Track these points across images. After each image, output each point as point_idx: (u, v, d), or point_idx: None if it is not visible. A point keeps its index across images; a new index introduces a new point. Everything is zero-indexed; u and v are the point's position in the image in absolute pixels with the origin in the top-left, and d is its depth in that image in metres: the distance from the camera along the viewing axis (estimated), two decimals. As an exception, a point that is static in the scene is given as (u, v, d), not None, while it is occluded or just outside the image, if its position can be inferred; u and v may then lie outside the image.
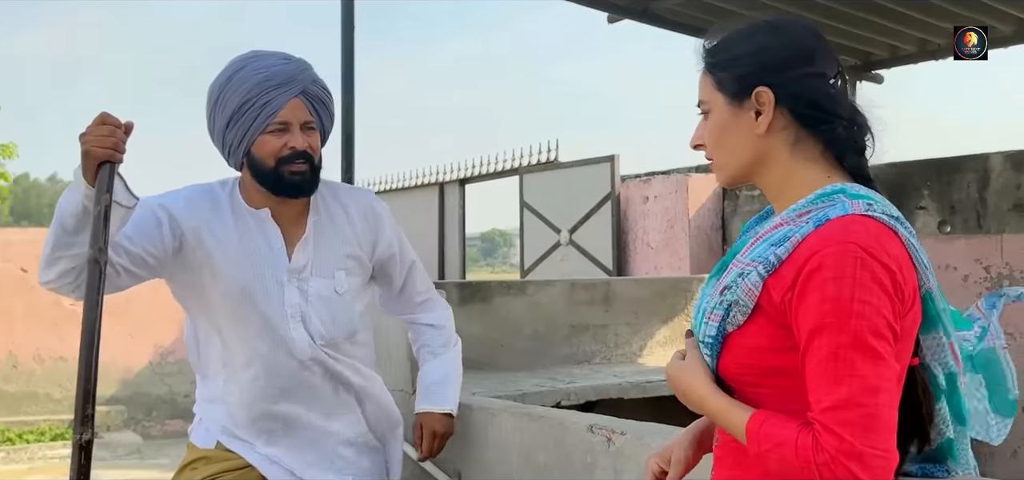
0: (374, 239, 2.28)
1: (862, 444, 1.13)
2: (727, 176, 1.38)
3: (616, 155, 7.57)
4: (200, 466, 2.21)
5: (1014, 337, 5.21)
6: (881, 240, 1.21)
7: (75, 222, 1.91)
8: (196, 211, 2.14)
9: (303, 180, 2.11)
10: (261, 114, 2.07)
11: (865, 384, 1.15)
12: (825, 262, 1.18)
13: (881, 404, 1.16)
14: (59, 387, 8.42)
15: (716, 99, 1.36)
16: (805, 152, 1.32)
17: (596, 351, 4.64)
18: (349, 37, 4.44)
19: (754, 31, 1.36)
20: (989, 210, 5.45)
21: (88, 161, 1.83)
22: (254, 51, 2.17)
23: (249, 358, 2.15)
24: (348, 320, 2.21)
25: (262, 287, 2.13)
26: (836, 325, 1.16)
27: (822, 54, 1.33)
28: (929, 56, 6.43)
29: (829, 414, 1.15)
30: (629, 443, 2.24)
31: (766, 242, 1.30)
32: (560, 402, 3.62)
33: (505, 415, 2.65)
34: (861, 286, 1.17)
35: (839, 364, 1.16)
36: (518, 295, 4.41)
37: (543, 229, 8.07)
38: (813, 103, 1.30)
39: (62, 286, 2.02)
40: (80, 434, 1.73)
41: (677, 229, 7.06)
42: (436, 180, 9.79)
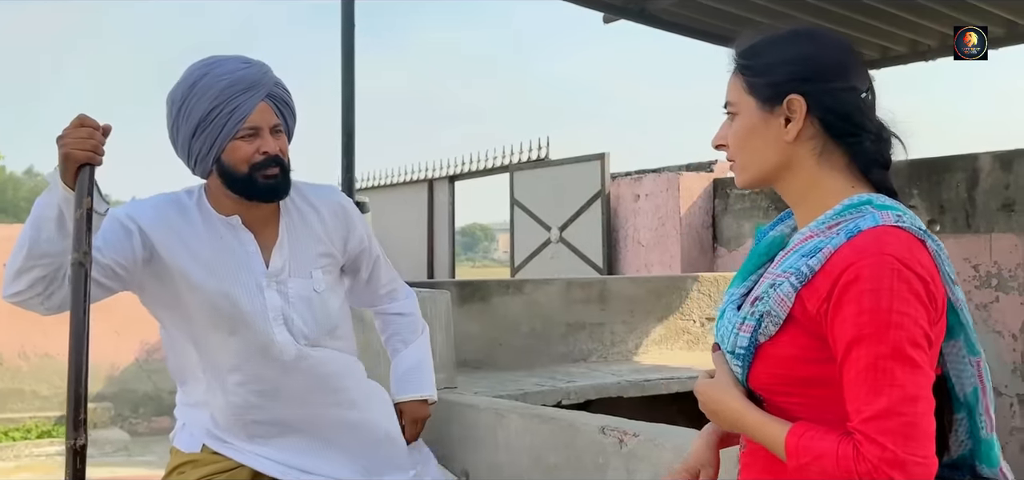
0: (345, 235, 2.27)
1: (904, 452, 1.15)
2: (749, 178, 1.39)
3: (607, 153, 7.59)
4: (188, 470, 2.18)
5: (1002, 335, 5.29)
6: (914, 251, 1.23)
7: (51, 228, 1.87)
8: (165, 221, 2.10)
9: (277, 184, 2.09)
10: (230, 120, 2.03)
11: (905, 393, 1.17)
12: (862, 274, 1.20)
13: (920, 412, 1.18)
14: (46, 384, 8.33)
15: (746, 102, 1.37)
16: (831, 162, 1.33)
17: (592, 349, 4.66)
18: (349, 33, 4.43)
19: (790, 38, 1.37)
20: (978, 209, 5.52)
21: (68, 164, 1.79)
22: (213, 57, 2.12)
23: (232, 364, 2.13)
24: (327, 317, 2.20)
25: (243, 293, 2.11)
26: (875, 336, 1.18)
27: (856, 68, 1.35)
28: (920, 57, 6.49)
29: (870, 424, 1.17)
30: (642, 444, 2.26)
31: (797, 253, 1.32)
32: (561, 401, 3.64)
33: (514, 416, 2.66)
34: (898, 297, 1.19)
35: (879, 374, 1.18)
36: (516, 294, 4.42)
37: (533, 226, 8.08)
38: (844, 116, 1.32)
39: (31, 298, 1.94)
40: (74, 439, 1.69)
41: (668, 227, 7.10)
42: (425, 177, 9.78)
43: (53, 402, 8.29)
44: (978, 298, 5.37)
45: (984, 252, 5.45)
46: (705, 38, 6.45)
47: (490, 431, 2.73)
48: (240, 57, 2.12)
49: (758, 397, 1.35)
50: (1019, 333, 5.29)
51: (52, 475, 6.75)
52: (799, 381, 1.28)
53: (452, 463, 2.88)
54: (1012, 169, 5.42)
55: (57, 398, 8.31)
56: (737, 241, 6.99)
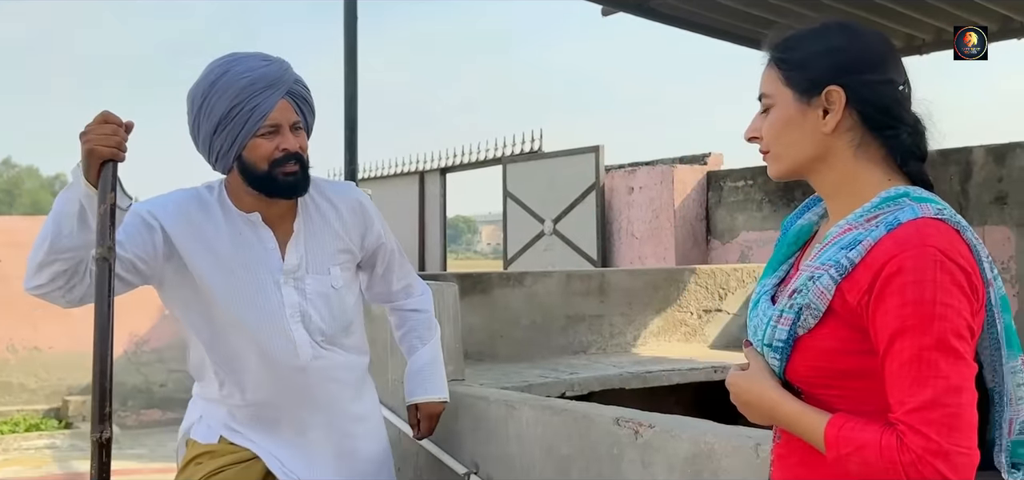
0: (363, 231, 2.29)
1: (948, 443, 1.16)
2: (783, 169, 1.40)
3: (601, 145, 7.60)
4: (205, 460, 2.19)
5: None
6: (955, 243, 1.23)
7: (73, 223, 1.88)
8: (186, 217, 2.11)
9: (297, 180, 2.10)
10: (251, 117, 2.04)
11: (949, 384, 1.17)
12: (905, 265, 1.20)
13: (964, 403, 1.18)
14: (34, 377, 8.26)
15: (783, 94, 1.37)
16: (868, 155, 1.34)
17: (592, 341, 4.66)
18: (351, 26, 4.40)
19: (828, 31, 1.37)
20: (971, 202, 5.56)
21: (92, 160, 1.81)
22: (233, 54, 2.13)
23: (248, 362, 2.14)
24: (343, 313, 2.22)
25: (261, 290, 2.12)
26: (919, 327, 1.18)
27: (893, 60, 1.35)
28: (915, 51, 6.53)
29: (915, 415, 1.17)
30: (658, 436, 2.26)
31: (836, 245, 1.31)
32: (565, 393, 3.64)
33: (526, 408, 2.65)
34: (941, 288, 1.19)
35: (923, 366, 1.18)
36: (516, 286, 4.41)
37: (526, 218, 8.08)
38: (883, 109, 1.32)
39: (53, 291, 1.96)
40: (100, 433, 1.72)
41: (662, 219, 7.11)
42: (417, 169, 9.75)
43: (41, 395, 8.22)
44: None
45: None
46: (703, 31, 6.46)
47: (501, 423, 2.73)
48: (260, 54, 2.13)
49: (795, 389, 1.35)
50: (1012, 325, 5.35)
51: (41, 468, 6.70)
52: (839, 373, 1.28)
53: (461, 455, 2.88)
54: (1005, 162, 5.47)
55: (45, 391, 8.24)
56: (730, 234, 7.01)
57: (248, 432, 2.19)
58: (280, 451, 2.19)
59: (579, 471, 2.46)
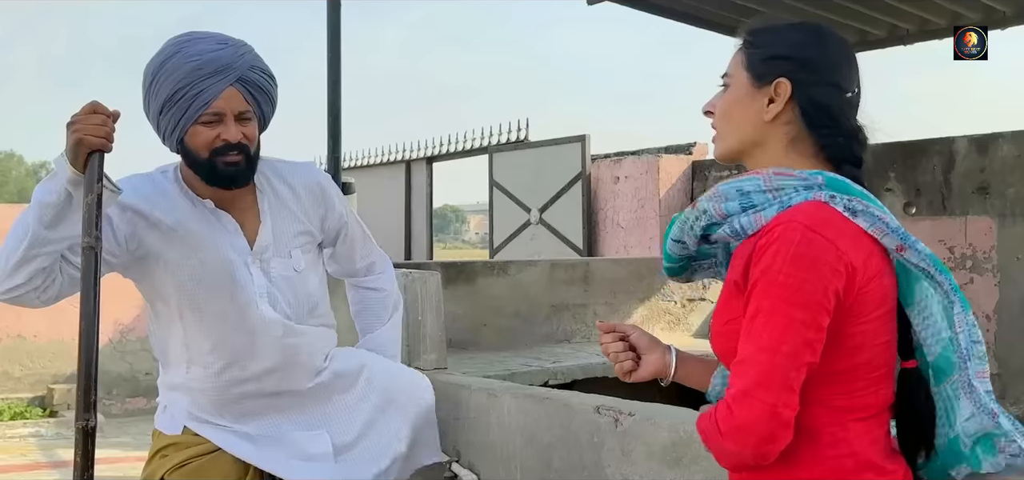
0: (323, 213, 2.25)
1: (752, 387, 1.21)
2: (725, 148, 1.45)
3: (587, 135, 7.60)
4: (170, 452, 2.17)
5: (976, 316, 5.38)
6: (829, 221, 1.26)
7: (55, 213, 1.86)
8: (145, 201, 2.07)
9: (237, 171, 2.04)
10: (193, 104, 2.00)
11: (767, 344, 1.22)
12: (771, 240, 1.26)
13: (777, 363, 1.22)
14: (19, 366, 8.22)
15: (740, 76, 1.42)
16: (800, 150, 1.38)
17: (576, 330, 4.68)
18: (335, 12, 4.38)
19: (796, 29, 1.43)
20: (953, 192, 5.60)
21: (80, 149, 1.80)
22: (191, 33, 2.08)
23: (214, 344, 2.11)
24: (308, 296, 2.19)
25: (226, 273, 2.09)
26: (763, 292, 1.24)
27: (847, 70, 1.41)
28: (898, 41, 6.56)
29: (735, 367, 1.25)
30: (637, 423, 2.28)
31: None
32: (548, 381, 3.66)
33: (507, 396, 2.66)
34: (791, 260, 1.23)
35: (753, 325, 1.24)
36: (500, 275, 4.43)
37: (513, 208, 8.08)
38: (823, 108, 1.37)
39: (29, 292, 1.92)
40: (85, 421, 1.72)
41: (647, 209, 7.13)
42: (403, 158, 9.73)
43: (25, 383, 8.18)
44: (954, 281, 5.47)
45: (959, 234, 5.54)
46: (688, 21, 6.47)
47: (483, 411, 2.74)
48: (217, 36, 2.07)
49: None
50: (993, 314, 5.40)
51: (26, 456, 6.67)
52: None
53: (444, 443, 2.89)
54: (987, 152, 5.51)
55: (29, 379, 8.20)
56: (716, 223, 7.03)
57: (213, 419, 2.17)
58: (245, 431, 2.17)
59: (560, 459, 2.48)
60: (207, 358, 2.12)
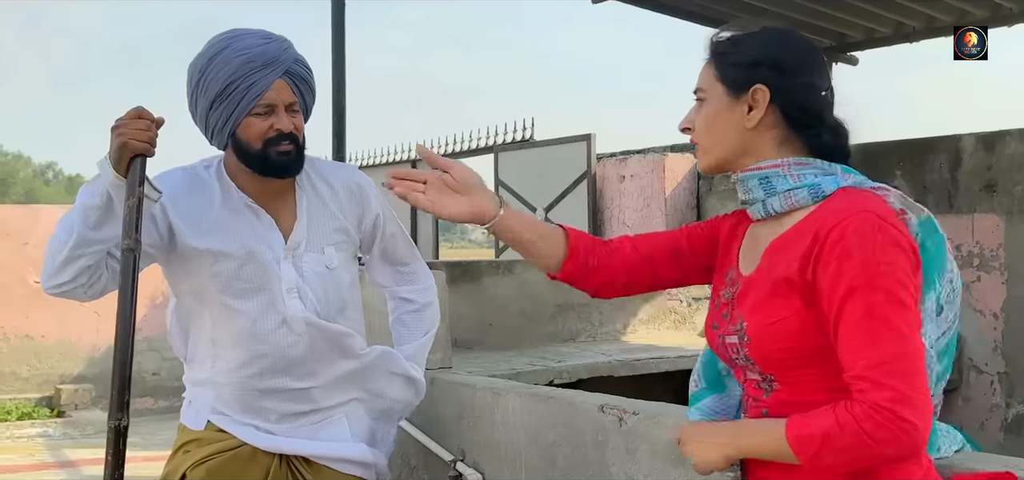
0: (360, 213, 2.29)
1: (910, 390, 1.21)
2: (711, 161, 1.46)
3: (592, 134, 7.60)
4: (193, 448, 2.21)
5: (983, 314, 5.36)
6: (884, 207, 1.31)
7: (98, 215, 1.93)
8: (183, 193, 2.13)
9: (289, 161, 2.11)
10: (246, 96, 2.04)
11: (902, 334, 1.23)
12: (846, 231, 1.26)
13: (918, 351, 1.24)
14: (26, 366, 8.25)
15: (715, 89, 1.44)
16: (790, 150, 1.41)
17: (581, 329, 4.68)
18: (339, 11, 4.39)
19: (763, 34, 1.45)
20: (960, 190, 5.58)
21: (124, 153, 1.87)
22: (234, 30, 2.13)
23: (241, 337, 2.14)
24: (339, 295, 2.22)
25: (260, 265, 2.13)
26: (867, 285, 1.24)
27: (819, 68, 1.44)
28: (904, 39, 6.54)
29: (876, 369, 1.22)
30: (641, 423, 2.28)
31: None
32: (553, 381, 3.66)
33: (512, 395, 2.66)
34: (882, 248, 1.25)
35: (875, 321, 1.23)
36: (506, 275, 4.43)
37: (518, 208, 8.07)
38: (803, 108, 1.40)
39: (76, 288, 2.00)
40: (118, 420, 1.78)
41: (653, 208, 7.13)
42: (409, 158, 9.74)
43: (33, 384, 8.22)
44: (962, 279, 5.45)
45: (966, 232, 5.51)
46: (694, 19, 6.46)
47: (487, 410, 2.74)
48: (261, 32, 2.13)
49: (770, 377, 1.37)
50: (1000, 312, 5.37)
51: (34, 456, 6.71)
52: (811, 352, 1.32)
53: (448, 442, 2.89)
54: (995, 150, 5.48)
55: (37, 380, 8.24)
56: (722, 222, 7.02)
57: (237, 415, 2.20)
58: (268, 426, 2.20)
59: (564, 458, 2.48)
60: (233, 352, 2.15)
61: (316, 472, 2.22)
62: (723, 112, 1.42)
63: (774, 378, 1.37)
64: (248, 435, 2.19)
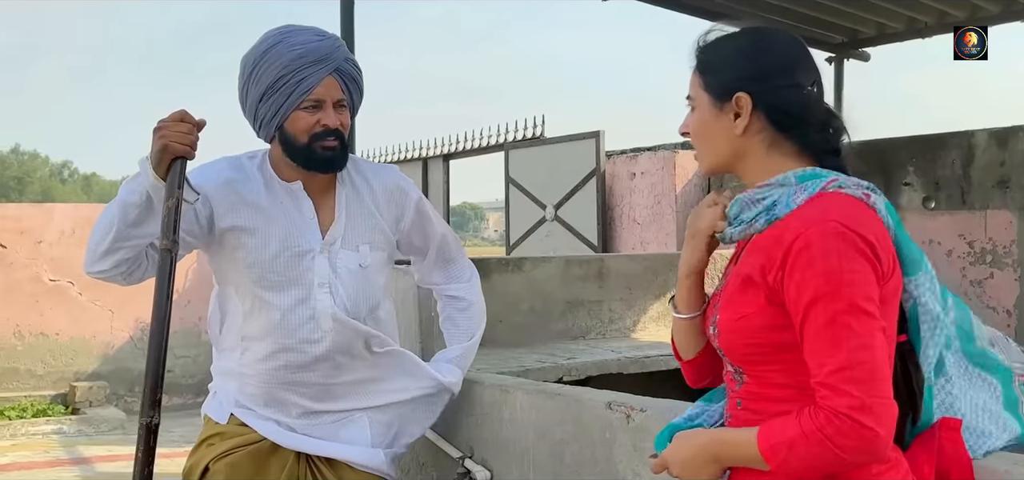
0: (398, 215, 2.32)
1: (869, 397, 1.24)
2: (707, 166, 1.51)
3: (602, 131, 7.59)
4: (216, 442, 2.25)
5: (996, 311, 5.33)
6: (858, 215, 1.32)
7: (138, 213, 1.98)
8: (226, 184, 2.18)
9: (334, 156, 2.15)
10: (296, 91, 2.09)
11: (862, 342, 1.26)
12: (811, 240, 1.29)
13: (878, 359, 1.26)
14: (41, 363, 8.32)
15: (701, 97, 1.47)
16: (781, 151, 1.43)
17: (591, 327, 4.67)
18: (348, 11, 4.41)
19: (741, 38, 1.48)
20: (973, 186, 5.54)
21: (165, 155, 1.92)
22: (289, 26, 2.18)
23: (269, 328, 2.19)
24: (371, 294, 2.25)
25: (294, 258, 2.17)
26: (830, 294, 1.26)
27: (801, 65, 1.45)
28: (916, 34, 6.50)
29: (835, 375, 1.25)
30: (649, 419, 2.28)
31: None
32: (562, 378, 3.66)
33: (520, 392, 2.67)
34: (845, 257, 1.28)
35: (838, 328, 1.26)
36: (515, 271, 4.43)
37: (528, 205, 8.09)
38: (786, 111, 1.42)
39: (115, 275, 2.08)
40: (149, 417, 1.82)
41: (663, 204, 7.12)
42: (420, 155, 9.76)
43: (48, 381, 8.29)
44: (973, 274, 5.41)
45: (979, 229, 5.48)
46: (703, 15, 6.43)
47: (495, 407, 2.75)
48: (314, 29, 2.18)
49: (739, 370, 1.43)
50: (1013, 309, 5.34)
51: (48, 453, 6.76)
52: (774, 348, 1.36)
53: (456, 439, 2.90)
54: (1007, 146, 5.44)
55: (52, 377, 8.30)
56: (732, 219, 6.99)
57: (259, 408, 2.23)
58: (292, 422, 2.24)
59: (572, 455, 2.48)
60: (261, 344, 2.20)
61: (335, 471, 2.25)
62: (711, 121, 1.46)
63: (742, 371, 1.42)
64: (269, 430, 2.23)
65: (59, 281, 8.24)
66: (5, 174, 56.42)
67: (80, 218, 8.34)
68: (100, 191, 56.51)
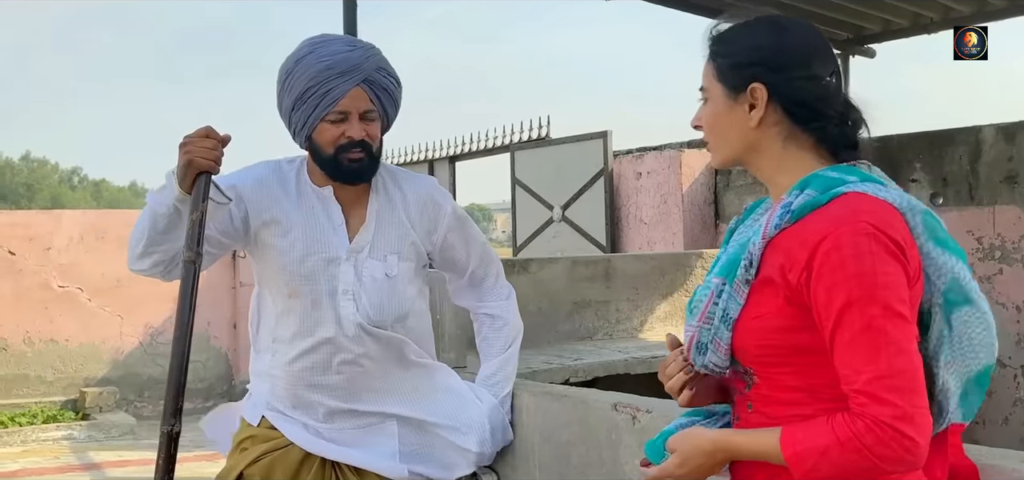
0: (430, 227, 2.32)
1: (910, 406, 1.19)
2: (720, 160, 1.46)
3: (608, 131, 7.59)
4: (249, 445, 2.29)
5: (1005, 307, 5.31)
6: (886, 216, 1.27)
7: (167, 222, 2.04)
8: (263, 187, 2.22)
9: (360, 167, 2.16)
10: (322, 102, 2.11)
11: (900, 349, 1.21)
12: (841, 241, 1.24)
13: (916, 366, 1.23)
14: (51, 369, 8.35)
15: (715, 88, 1.43)
16: (798, 144, 1.38)
17: (598, 327, 4.67)
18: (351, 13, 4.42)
19: (756, 27, 1.43)
20: (981, 182, 5.52)
21: (190, 170, 1.97)
22: (323, 35, 2.20)
23: (297, 332, 2.21)
24: (398, 304, 2.25)
25: (321, 264, 2.20)
26: (865, 298, 1.21)
27: (819, 55, 1.40)
28: (922, 30, 6.47)
29: (875, 383, 1.20)
30: (655, 420, 2.27)
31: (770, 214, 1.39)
32: (569, 379, 3.66)
33: (525, 394, 2.67)
34: (879, 259, 1.23)
35: (874, 334, 1.21)
36: (521, 273, 4.43)
37: (535, 206, 8.08)
38: (803, 103, 1.37)
39: (154, 273, 2.15)
40: (170, 425, 1.84)
41: (670, 204, 7.11)
42: (426, 158, 9.77)
43: (58, 387, 8.32)
44: (981, 270, 5.39)
45: (987, 225, 5.46)
46: (708, 14, 6.42)
47: (501, 409, 2.75)
48: (347, 38, 2.21)
49: (748, 370, 1.38)
50: (1022, 305, 5.32)
51: (59, 459, 6.79)
52: (788, 350, 1.32)
53: (463, 442, 2.90)
54: (1015, 141, 5.42)
55: (62, 383, 8.33)
56: (739, 217, 6.98)
57: (288, 411, 2.26)
58: (320, 427, 2.26)
59: (578, 457, 2.48)
60: (287, 346, 2.23)
61: (362, 478, 2.27)
62: (725, 112, 1.41)
63: (753, 372, 1.37)
64: (296, 434, 2.25)
65: (68, 287, 8.27)
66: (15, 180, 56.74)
67: (88, 225, 8.37)
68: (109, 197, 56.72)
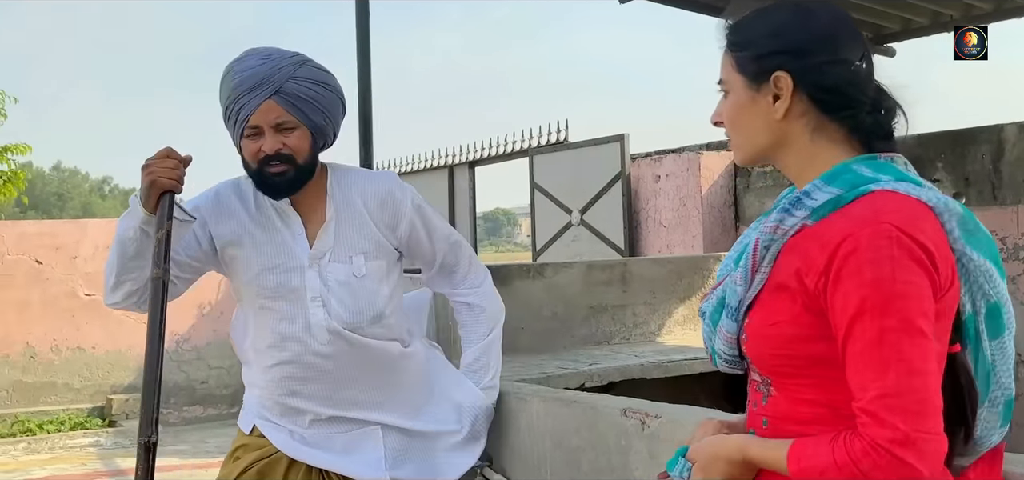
0: (392, 222, 2.30)
1: (914, 430, 1.09)
2: (744, 156, 1.36)
3: (626, 134, 7.57)
4: (242, 454, 2.31)
5: (1030, 308, 5.23)
6: (915, 218, 1.17)
7: (136, 247, 2.06)
8: (223, 205, 2.23)
9: (283, 180, 2.14)
10: (238, 119, 2.12)
11: (912, 367, 1.11)
12: (860, 244, 1.14)
13: (930, 386, 1.12)
14: (78, 377, 8.47)
15: (735, 80, 1.32)
16: (828, 136, 1.27)
17: (615, 332, 4.66)
18: (364, 18, 4.44)
19: (776, 12, 1.31)
20: (1004, 181, 5.44)
21: (153, 190, 2.00)
22: (244, 52, 2.18)
23: (271, 343, 2.23)
24: (370, 304, 2.24)
25: (284, 274, 2.20)
26: (880, 308, 1.12)
27: (846, 38, 1.28)
28: (942, 28, 6.40)
29: (878, 402, 1.11)
30: (664, 426, 2.27)
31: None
32: (584, 384, 3.65)
33: (536, 400, 2.67)
34: (900, 266, 1.12)
35: (885, 348, 1.11)
36: (536, 278, 4.43)
37: (554, 210, 8.08)
38: (833, 90, 1.25)
39: (129, 305, 2.16)
40: (147, 437, 1.85)
41: (689, 207, 7.07)
42: (445, 163, 9.80)
43: (85, 394, 8.44)
44: (1006, 271, 5.31)
45: (1011, 224, 5.38)
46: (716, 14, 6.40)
47: (512, 415, 2.75)
48: (260, 52, 2.15)
49: (765, 380, 1.31)
50: (1047, 305, 5.23)
51: (86, 465, 6.89)
52: (805, 360, 1.23)
53: (476, 448, 2.91)
54: (1038, 139, 5.34)
55: (89, 390, 8.45)
56: (759, 219, 6.93)
57: (274, 417, 2.28)
58: (306, 434, 2.27)
59: (589, 462, 2.48)
60: (265, 356, 2.25)
61: None
62: (747, 105, 1.30)
63: (770, 383, 1.30)
64: (283, 442, 2.25)
65: (94, 295, 8.39)
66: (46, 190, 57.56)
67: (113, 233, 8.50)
68: (138, 205, 57.29)
